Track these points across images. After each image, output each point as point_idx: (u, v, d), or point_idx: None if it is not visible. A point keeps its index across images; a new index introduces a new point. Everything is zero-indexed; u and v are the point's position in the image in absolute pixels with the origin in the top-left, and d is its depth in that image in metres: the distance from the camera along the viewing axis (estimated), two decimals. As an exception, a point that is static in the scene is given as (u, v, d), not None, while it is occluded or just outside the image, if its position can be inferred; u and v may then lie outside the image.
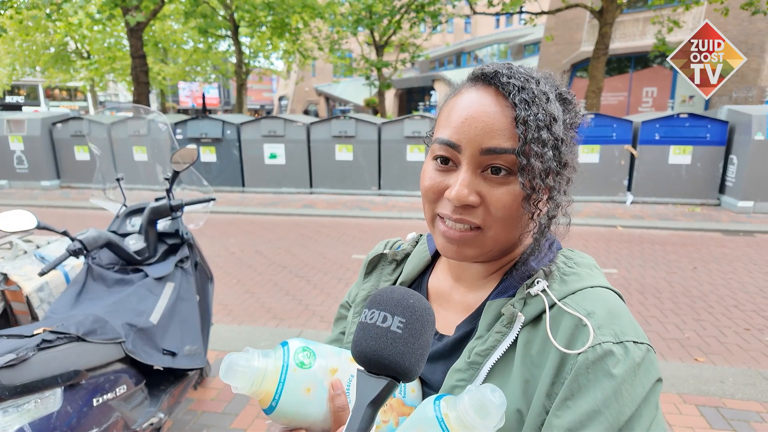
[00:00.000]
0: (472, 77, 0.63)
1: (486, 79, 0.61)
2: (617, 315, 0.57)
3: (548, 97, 0.58)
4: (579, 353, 0.54)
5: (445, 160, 0.62)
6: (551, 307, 0.59)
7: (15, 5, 10.92)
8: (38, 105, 33.05)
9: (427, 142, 0.72)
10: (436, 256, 0.79)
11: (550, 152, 0.57)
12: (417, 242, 0.83)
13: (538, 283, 0.61)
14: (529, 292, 0.61)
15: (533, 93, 0.57)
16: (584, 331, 0.55)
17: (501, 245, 0.63)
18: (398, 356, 0.48)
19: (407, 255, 0.81)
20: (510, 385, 0.58)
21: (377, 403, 0.47)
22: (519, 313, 0.60)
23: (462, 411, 0.50)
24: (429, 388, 0.66)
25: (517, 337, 0.60)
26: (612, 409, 0.51)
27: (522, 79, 0.59)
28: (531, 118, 0.56)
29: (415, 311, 0.50)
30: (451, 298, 0.72)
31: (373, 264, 0.83)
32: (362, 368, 0.49)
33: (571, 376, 0.53)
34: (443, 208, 0.62)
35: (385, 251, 0.82)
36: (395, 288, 0.53)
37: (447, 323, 0.70)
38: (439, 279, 0.76)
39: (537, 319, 0.60)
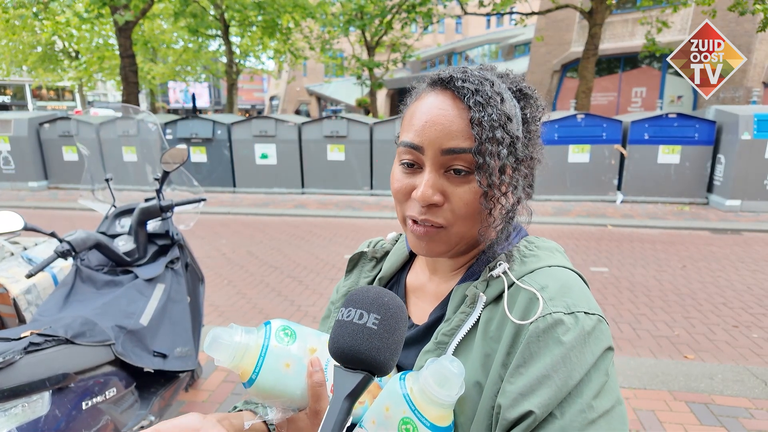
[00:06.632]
0: (431, 82, 0.66)
1: (443, 83, 0.64)
2: (570, 288, 0.60)
3: (502, 98, 0.62)
4: (530, 323, 0.57)
5: (410, 164, 0.65)
6: (510, 286, 0.62)
7: (2, 4, 10.78)
8: (25, 105, 32.66)
9: (397, 144, 0.75)
10: (413, 252, 0.83)
11: (505, 150, 0.60)
12: (397, 240, 0.87)
13: (500, 265, 0.65)
14: (491, 275, 0.65)
15: (487, 95, 0.60)
16: (537, 303, 0.58)
17: (466, 240, 0.66)
18: (374, 351, 0.50)
19: (387, 252, 0.85)
20: (471, 360, 0.61)
21: (354, 396, 0.49)
22: (481, 294, 0.64)
23: (423, 383, 0.54)
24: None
25: (480, 316, 0.63)
26: (561, 373, 0.53)
27: (476, 82, 0.61)
28: (485, 118, 0.59)
29: (390, 308, 0.53)
30: (427, 290, 0.76)
31: (354, 262, 0.86)
32: (339, 364, 0.51)
33: (523, 344, 0.56)
34: (411, 210, 0.65)
35: (365, 249, 0.86)
36: (370, 287, 0.57)
37: (422, 313, 0.74)
38: (416, 273, 0.79)
39: (498, 298, 0.63)
